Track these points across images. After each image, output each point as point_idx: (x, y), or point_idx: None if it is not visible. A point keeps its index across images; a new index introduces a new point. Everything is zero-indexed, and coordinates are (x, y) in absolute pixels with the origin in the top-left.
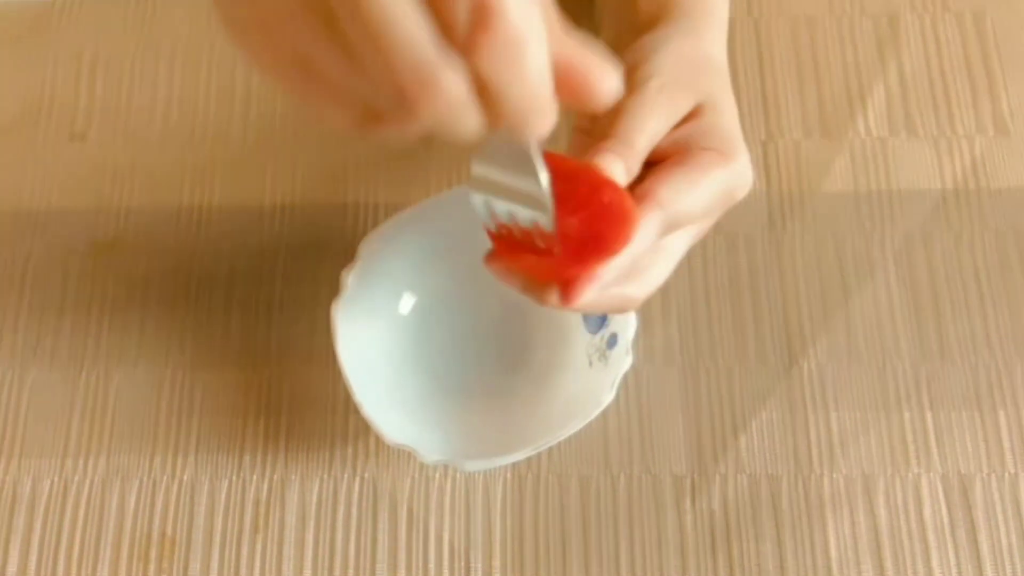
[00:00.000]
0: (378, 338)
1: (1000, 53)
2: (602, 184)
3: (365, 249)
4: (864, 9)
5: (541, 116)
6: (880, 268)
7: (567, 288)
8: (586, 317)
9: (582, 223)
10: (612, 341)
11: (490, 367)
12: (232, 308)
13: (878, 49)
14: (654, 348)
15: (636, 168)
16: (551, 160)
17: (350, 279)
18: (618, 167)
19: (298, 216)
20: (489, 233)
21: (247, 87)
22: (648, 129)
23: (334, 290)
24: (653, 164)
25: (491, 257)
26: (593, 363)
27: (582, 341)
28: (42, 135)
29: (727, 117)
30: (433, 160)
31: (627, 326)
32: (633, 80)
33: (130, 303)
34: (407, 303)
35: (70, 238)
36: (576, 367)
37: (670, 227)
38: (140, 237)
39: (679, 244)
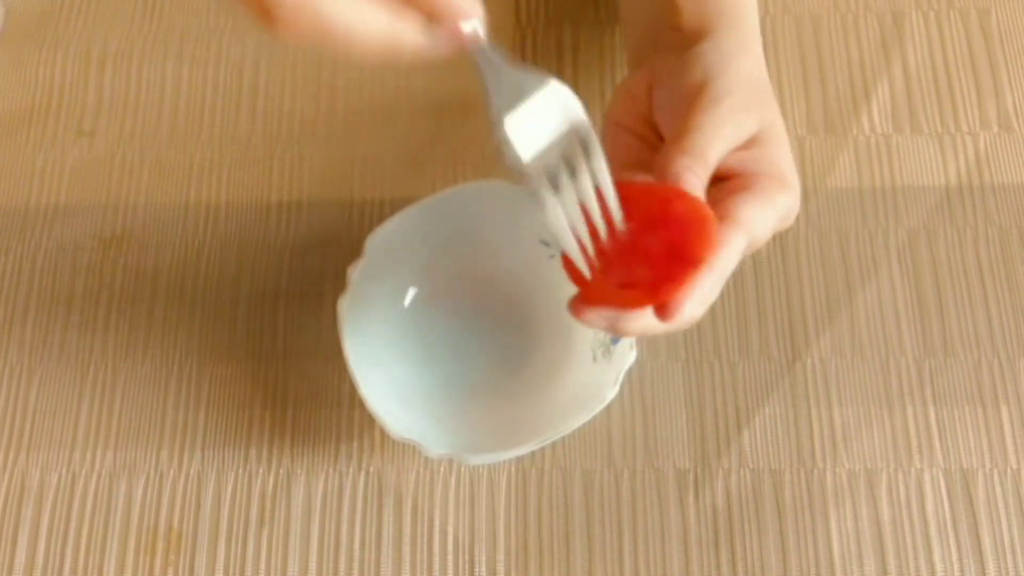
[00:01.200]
0: (383, 333)
1: (1005, 50)
2: (671, 198)
3: (371, 245)
4: (869, 6)
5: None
6: (884, 264)
7: (664, 307)
8: None
9: (663, 239)
10: (616, 336)
11: (495, 362)
12: (239, 303)
13: (883, 46)
14: (658, 343)
15: (707, 182)
16: (619, 188)
17: (356, 275)
18: (698, 183)
19: (304, 212)
20: (570, 269)
21: (254, 84)
22: (720, 146)
23: (340, 286)
24: (715, 181)
25: (578, 303)
26: (597, 358)
27: (586, 336)
28: (51, 131)
29: (784, 145)
30: (439, 157)
31: None
32: (705, 96)
33: (137, 298)
34: (413, 298)
35: (78, 233)
36: (580, 362)
37: (749, 248)
38: (148, 233)
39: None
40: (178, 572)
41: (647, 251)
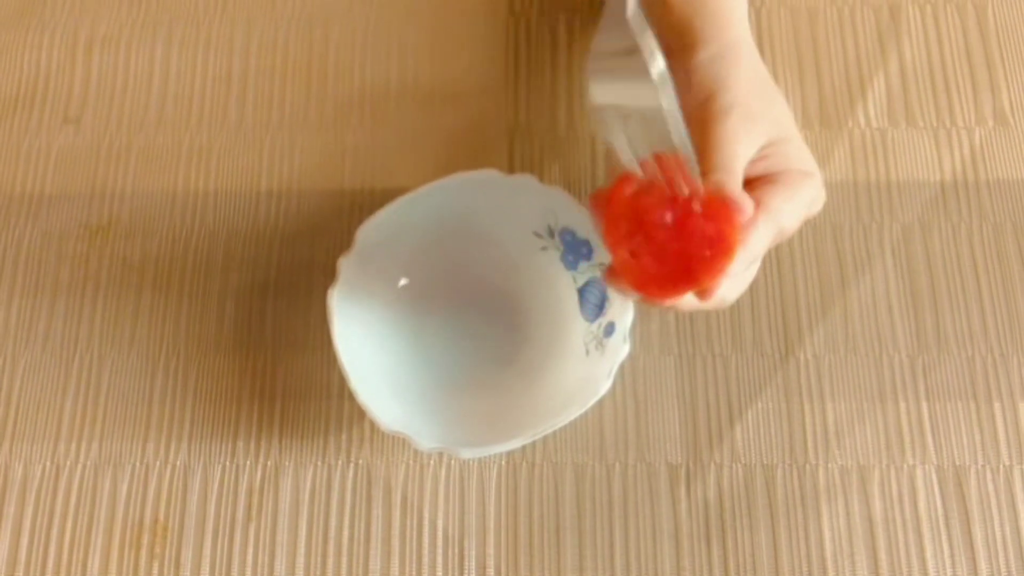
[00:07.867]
0: (374, 325)
1: (1001, 45)
2: (687, 203)
3: (361, 236)
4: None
5: None
6: (878, 259)
7: (704, 290)
8: (583, 305)
9: (690, 229)
10: (609, 329)
11: (487, 355)
12: (227, 294)
13: (879, 40)
14: (651, 337)
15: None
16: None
17: (346, 266)
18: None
19: (294, 202)
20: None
21: (244, 70)
22: (741, 156)
23: (330, 276)
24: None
25: (612, 275)
26: (590, 351)
27: (579, 329)
28: (36, 119)
29: (798, 140)
30: (430, 146)
31: (624, 315)
32: (713, 110)
33: (124, 287)
34: (403, 290)
35: (64, 222)
36: (573, 355)
37: (779, 236)
38: (135, 221)
39: (762, 252)
40: (164, 565)
41: (676, 239)
